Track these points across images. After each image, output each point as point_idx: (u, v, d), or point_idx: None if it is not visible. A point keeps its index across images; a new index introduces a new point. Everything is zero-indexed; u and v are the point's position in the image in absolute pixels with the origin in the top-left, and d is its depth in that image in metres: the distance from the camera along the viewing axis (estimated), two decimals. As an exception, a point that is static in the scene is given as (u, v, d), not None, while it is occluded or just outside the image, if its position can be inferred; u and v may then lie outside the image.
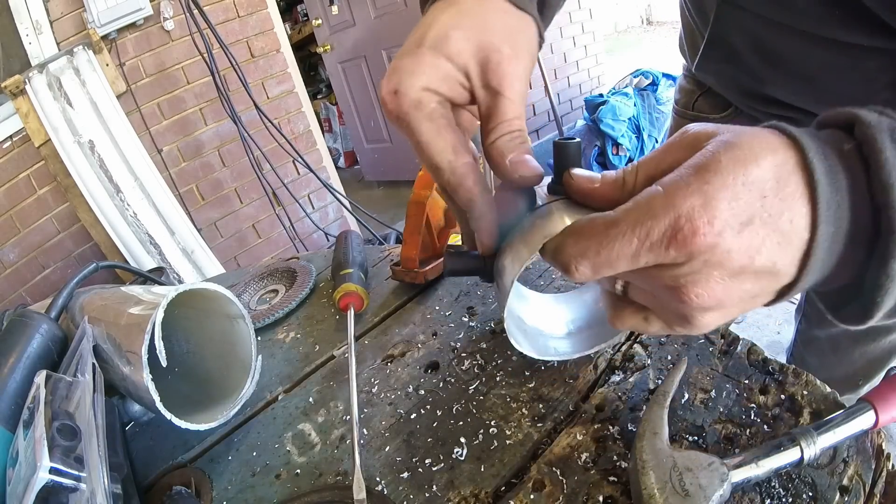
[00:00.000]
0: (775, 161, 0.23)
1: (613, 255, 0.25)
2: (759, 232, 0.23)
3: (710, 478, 0.29)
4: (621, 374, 0.41)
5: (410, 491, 0.37)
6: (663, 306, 0.28)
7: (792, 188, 0.23)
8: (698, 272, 0.24)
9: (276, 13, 2.33)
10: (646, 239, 0.24)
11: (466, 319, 0.52)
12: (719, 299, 0.25)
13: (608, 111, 2.77)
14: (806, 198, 0.23)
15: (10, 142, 1.86)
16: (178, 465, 0.45)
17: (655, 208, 0.23)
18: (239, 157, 2.23)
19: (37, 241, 1.97)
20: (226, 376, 0.50)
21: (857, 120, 0.24)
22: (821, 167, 0.23)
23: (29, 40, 1.80)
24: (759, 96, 0.56)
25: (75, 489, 0.32)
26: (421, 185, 0.56)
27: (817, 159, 0.23)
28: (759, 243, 0.23)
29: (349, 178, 4.06)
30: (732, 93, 0.61)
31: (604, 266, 0.25)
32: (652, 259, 0.24)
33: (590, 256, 0.25)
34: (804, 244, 0.24)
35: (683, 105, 0.70)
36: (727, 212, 0.23)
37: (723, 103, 0.64)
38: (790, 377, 0.37)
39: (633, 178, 0.27)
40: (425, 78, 0.30)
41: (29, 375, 0.41)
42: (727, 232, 0.23)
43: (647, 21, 7.63)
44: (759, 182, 0.23)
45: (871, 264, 0.24)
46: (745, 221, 0.23)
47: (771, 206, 0.23)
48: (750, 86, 0.56)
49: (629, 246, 0.24)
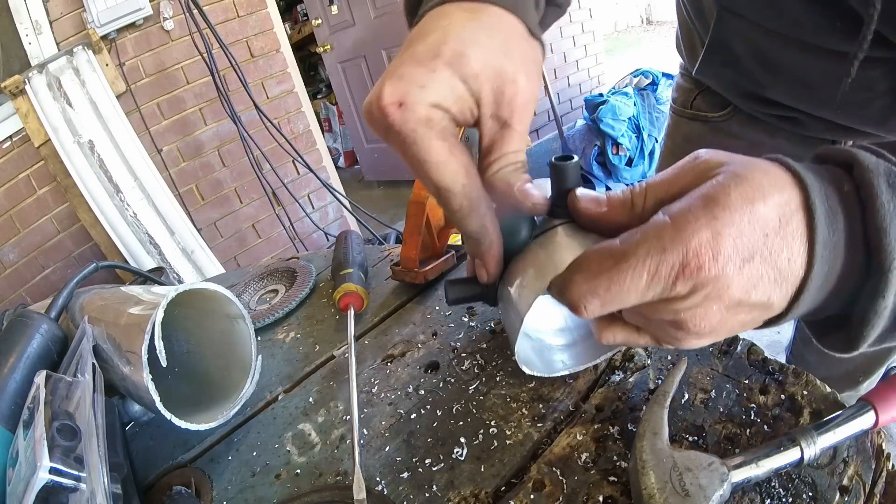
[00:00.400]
0: (781, 200, 0.24)
1: (624, 291, 0.25)
2: (759, 268, 0.24)
3: (710, 478, 0.29)
4: (621, 374, 0.41)
5: (410, 491, 0.37)
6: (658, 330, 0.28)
7: (793, 227, 0.24)
8: (698, 305, 0.25)
9: (275, 13, 2.33)
10: (655, 273, 0.24)
11: (466, 319, 0.52)
12: (714, 328, 0.26)
13: (608, 111, 2.77)
14: (805, 238, 0.24)
15: (10, 142, 1.86)
16: (178, 465, 0.45)
17: (664, 241, 0.24)
18: (239, 157, 2.23)
19: (37, 241, 1.97)
20: (226, 376, 0.50)
21: (855, 162, 0.25)
22: (821, 209, 0.24)
23: (29, 40, 1.80)
24: (759, 98, 0.56)
25: (75, 489, 0.32)
26: (421, 185, 0.56)
27: (819, 200, 0.24)
28: (757, 279, 0.24)
29: (349, 178, 4.06)
30: (732, 94, 0.61)
31: (613, 303, 0.25)
32: (658, 293, 0.24)
33: (600, 294, 0.25)
34: (798, 281, 0.24)
35: (681, 104, 0.69)
36: (731, 248, 0.23)
37: (721, 102, 0.64)
38: (790, 377, 0.37)
39: (642, 200, 0.27)
40: (437, 95, 0.27)
41: (29, 375, 0.41)
42: (729, 267, 0.23)
43: (647, 21, 7.63)
44: (763, 220, 0.23)
45: (861, 301, 0.25)
46: (747, 258, 0.23)
47: (772, 244, 0.23)
48: (750, 89, 0.56)
49: (640, 281, 0.24)
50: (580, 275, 0.26)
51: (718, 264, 0.23)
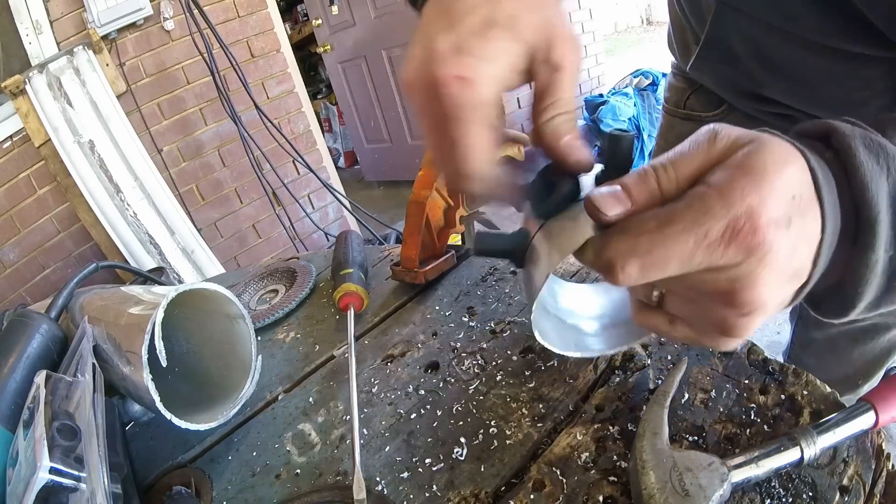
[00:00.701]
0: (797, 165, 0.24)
1: (667, 254, 0.24)
2: (795, 231, 0.24)
3: (710, 478, 0.29)
4: (621, 374, 0.41)
5: (410, 491, 0.37)
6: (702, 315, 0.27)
7: (809, 192, 0.24)
8: (752, 273, 0.24)
9: (276, 13, 2.33)
10: (704, 238, 0.23)
11: (466, 319, 0.52)
12: (764, 302, 0.25)
13: (608, 111, 2.77)
14: (816, 199, 0.25)
15: (10, 142, 1.86)
16: (178, 465, 0.45)
17: (713, 207, 0.23)
18: (239, 157, 2.23)
19: (37, 241, 1.97)
20: (226, 376, 0.50)
21: (833, 130, 0.26)
22: (820, 172, 0.25)
23: (29, 40, 1.80)
24: (755, 96, 0.56)
25: (75, 489, 0.32)
26: (421, 185, 0.56)
27: (816, 165, 0.25)
28: (796, 242, 0.24)
29: (349, 178, 4.06)
30: (727, 92, 0.61)
31: (655, 267, 0.24)
32: (706, 261, 0.24)
33: (640, 255, 0.24)
34: (817, 244, 0.25)
35: (674, 103, 0.69)
36: (777, 211, 0.23)
37: (715, 101, 0.63)
38: (790, 377, 0.37)
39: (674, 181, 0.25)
40: (500, 67, 0.27)
41: (29, 375, 0.41)
42: (781, 230, 0.23)
43: (647, 21, 7.63)
44: (792, 185, 0.24)
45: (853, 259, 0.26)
46: (787, 221, 0.24)
47: (800, 206, 0.24)
48: (746, 87, 0.56)
49: (685, 245, 0.23)
50: (620, 234, 0.25)
51: (770, 228, 0.23)
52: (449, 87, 0.26)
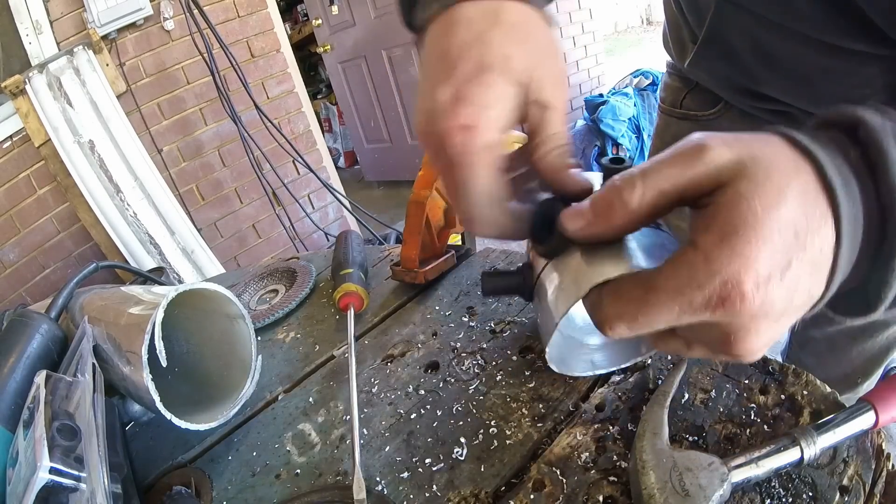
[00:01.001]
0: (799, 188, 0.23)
1: (652, 319, 0.24)
2: (796, 271, 0.23)
3: (710, 478, 0.29)
4: (621, 374, 0.41)
5: (410, 491, 0.37)
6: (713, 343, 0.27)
7: (818, 213, 0.23)
8: (746, 327, 0.24)
9: (276, 13, 2.33)
10: (688, 306, 0.23)
11: (466, 319, 0.52)
12: (766, 343, 0.25)
13: (608, 111, 2.77)
14: (830, 218, 0.23)
15: (10, 142, 1.86)
16: (178, 465, 0.45)
17: (697, 274, 0.23)
18: (239, 157, 2.23)
19: (37, 241, 1.97)
20: (226, 376, 0.50)
21: (861, 123, 0.24)
22: (839, 182, 0.23)
23: (29, 40, 1.80)
24: (752, 93, 0.55)
25: (75, 489, 0.32)
26: (421, 185, 0.56)
27: (834, 174, 0.23)
28: (797, 282, 0.23)
29: (349, 178, 4.06)
30: (724, 89, 0.60)
31: (642, 327, 0.25)
32: (695, 320, 0.24)
33: (626, 320, 0.25)
34: (830, 264, 0.24)
35: (670, 103, 0.68)
36: (770, 267, 0.22)
37: (712, 100, 0.63)
38: (790, 377, 0.37)
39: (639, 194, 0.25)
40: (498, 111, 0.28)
41: (29, 375, 0.41)
42: (772, 285, 0.22)
43: (647, 21, 7.63)
44: (791, 222, 0.22)
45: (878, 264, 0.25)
46: (785, 266, 0.22)
47: (804, 242, 0.23)
48: (743, 84, 0.56)
49: (670, 312, 0.24)
50: (610, 298, 0.26)
51: (760, 289, 0.22)
52: (453, 138, 0.27)
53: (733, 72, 0.55)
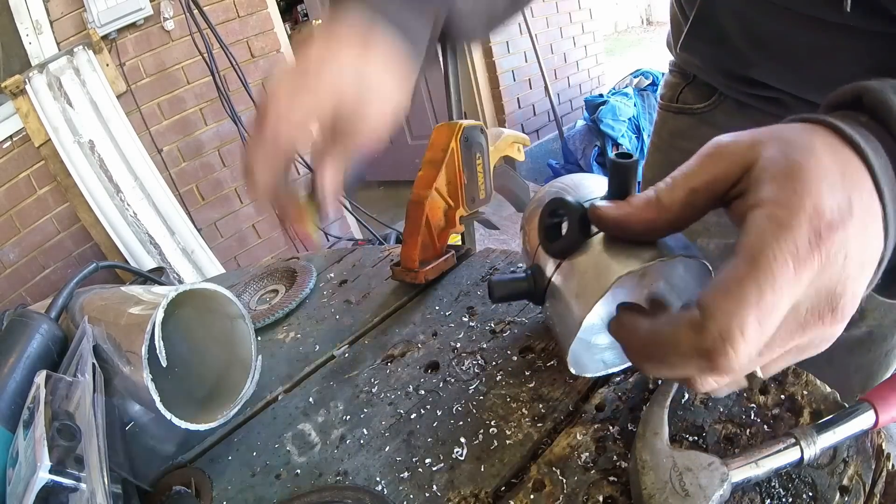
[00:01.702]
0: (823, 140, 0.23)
1: (774, 293, 0.21)
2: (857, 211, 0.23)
3: (710, 478, 0.29)
4: (621, 373, 0.41)
5: (410, 491, 0.37)
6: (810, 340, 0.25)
7: (848, 159, 0.23)
8: (843, 274, 0.23)
9: (276, 13, 2.33)
10: (797, 253, 0.21)
11: (466, 319, 0.52)
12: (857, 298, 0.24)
13: (608, 111, 2.77)
14: (863, 167, 0.23)
15: (10, 142, 1.86)
16: (178, 465, 0.45)
17: (784, 223, 0.22)
18: (239, 157, 2.23)
19: (37, 241, 1.97)
20: (226, 376, 0.50)
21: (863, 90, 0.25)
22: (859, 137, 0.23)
23: (29, 40, 1.80)
24: (743, 79, 0.56)
25: (75, 489, 0.32)
26: (420, 185, 0.56)
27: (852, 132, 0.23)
28: (863, 225, 0.23)
29: (349, 178, 4.06)
30: (716, 76, 0.61)
31: (770, 314, 0.22)
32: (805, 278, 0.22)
33: (750, 305, 0.21)
34: (881, 215, 0.24)
35: (668, 98, 0.70)
36: (835, 196, 0.22)
37: (707, 92, 0.64)
38: (790, 377, 0.37)
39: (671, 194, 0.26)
40: (305, 112, 0.37)
41: (29, 375, 0.41)
42: (845, 215, 0.22)
43: (647, 21, 7.64)
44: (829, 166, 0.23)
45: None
46: (847, 204, 0.22)
47: (851, 182, 0.23)
48: (734, 68, 0.56)
49: (784, 272, 0.21)
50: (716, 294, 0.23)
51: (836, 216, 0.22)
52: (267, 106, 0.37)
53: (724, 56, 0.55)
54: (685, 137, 0.67)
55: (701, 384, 0.24)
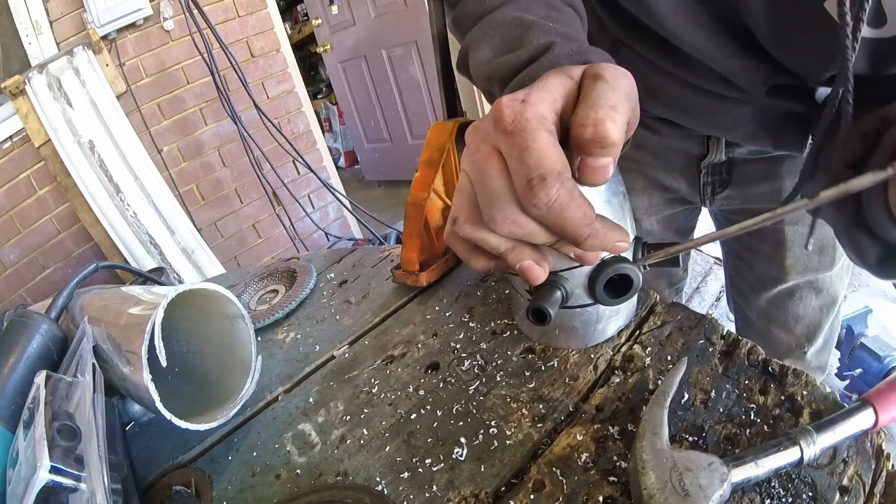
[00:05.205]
0: None
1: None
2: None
3: (710, 478, 0.29)
4: (621, 374, 0.41)
5: (410, 491, 0.37)
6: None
7: None
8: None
9: (276, 13, 2.33)
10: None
11: (466, 319, 0.52)
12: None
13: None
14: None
15: (10, 142, 1.86)
16: (178, 465, 0.45)
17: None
18: (239, 156, 2.23)
19: (37, 242, 1.97)
20: (226, 376, 0.50)
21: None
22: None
23: (29, 40, 1.80)
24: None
25: (75, 489, 0.32)
26: (418, 186, 0.56)
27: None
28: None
29: (349, 177, 4.06)
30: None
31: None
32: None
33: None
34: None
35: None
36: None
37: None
38: (790, 377, 0.37)
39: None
40: (550, 94, 0.29)
41: (29, 375, 0.41)
42: None
43: (647, 21, 7.61)
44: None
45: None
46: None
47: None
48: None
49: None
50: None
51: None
52: (504, 109, 0.28)
53: None
54: None
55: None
